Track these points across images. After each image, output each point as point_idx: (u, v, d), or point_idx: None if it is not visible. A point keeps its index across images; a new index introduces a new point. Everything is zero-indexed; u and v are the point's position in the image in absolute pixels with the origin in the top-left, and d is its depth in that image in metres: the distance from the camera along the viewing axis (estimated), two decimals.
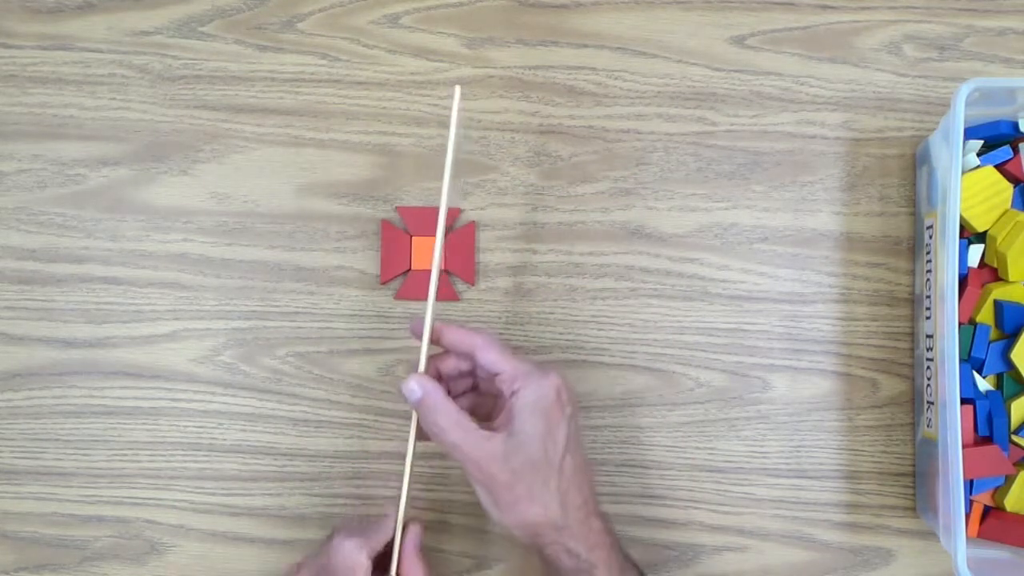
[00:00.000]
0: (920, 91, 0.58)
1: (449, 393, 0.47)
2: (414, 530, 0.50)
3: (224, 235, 0.58)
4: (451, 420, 0.45)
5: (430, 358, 0.48)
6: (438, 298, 0.58)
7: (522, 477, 0.44)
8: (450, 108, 0.47)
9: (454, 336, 0.48)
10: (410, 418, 0.49)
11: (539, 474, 0.45)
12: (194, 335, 0.58)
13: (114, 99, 0.58)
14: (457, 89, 0.47)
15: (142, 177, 0.58)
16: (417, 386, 0.46)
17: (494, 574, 0.58)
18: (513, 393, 0.45)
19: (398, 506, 0.50)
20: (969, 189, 0.53)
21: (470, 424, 0.45)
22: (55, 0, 0.59)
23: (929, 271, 0.54)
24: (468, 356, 0.48)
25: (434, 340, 0.48)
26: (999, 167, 0.54)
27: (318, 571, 0.48)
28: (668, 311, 0.58)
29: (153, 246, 0.58)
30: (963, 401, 0.53)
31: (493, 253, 0.58)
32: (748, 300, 0.58)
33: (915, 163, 0.58)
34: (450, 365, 0.49)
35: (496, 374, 0.46)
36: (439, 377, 0.49)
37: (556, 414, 0.45)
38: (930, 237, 0.54)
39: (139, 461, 0.58)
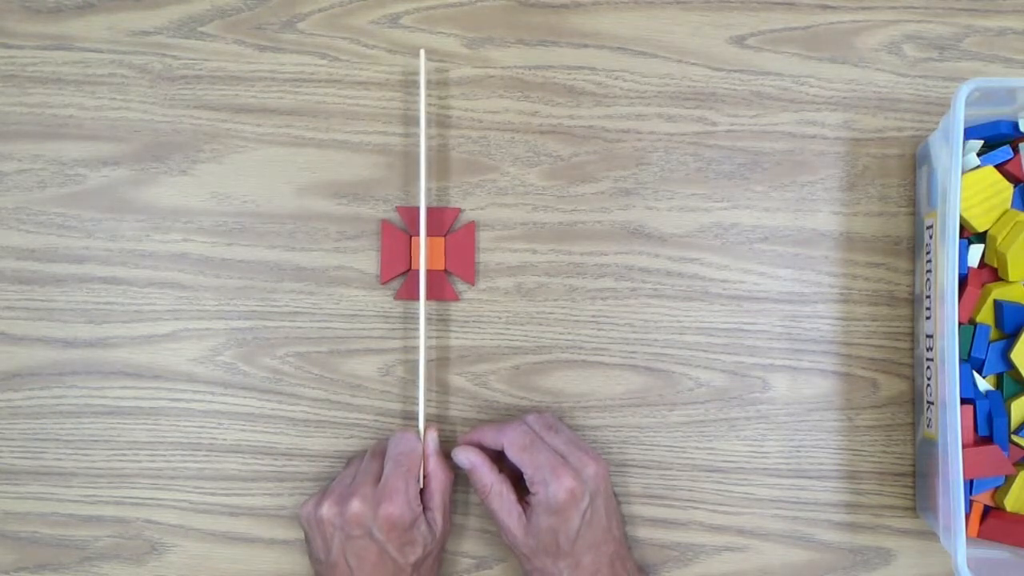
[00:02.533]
0: (920, 91, 0.58)
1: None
2: (432, 435, 0.55)
3: (224, 235, 0.58)
4: (492, 489, 0.53)
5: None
6: (438, 298, 0.58)
7: (538, 555, 0.52)
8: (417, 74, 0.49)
9: (484, 440, 0.54)
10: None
11: (550, 556, 0.51)
12: (194, 335, 0.58)
13: (114, 99, 0.58)
14: (422, 52, 0.52)
15: (142, 177, 0.58)
16: (465, 459, 0.53)
17: (494, 574, 0.58)
18: (532, 493, 0.51)
19: (417, 417, 0.55)
20: (969, 189, 0.53)
21: (509, 496, 0.52)
22: (55, 0, 0.59)
23: (929, 271, 0.54)
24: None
25: (468, 441, 0.55)
26: (999, 167, 0.54)
27: (383, 460, 0.53)
28: (668, 311, 0.58)
29: (153, 246, 0.58)
30: (963, 401, 0.53)
31: (493, 253, 0.58)
32: (748, 300, 0.58)
33: (915, 163, 0.58)
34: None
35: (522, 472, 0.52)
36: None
37: (569, 511, 0.50)
38: (930, 237, 0.54)
39: (139, 461, 0.58)
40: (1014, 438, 0.53)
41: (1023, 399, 0.53)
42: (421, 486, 0.53)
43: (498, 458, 0.54)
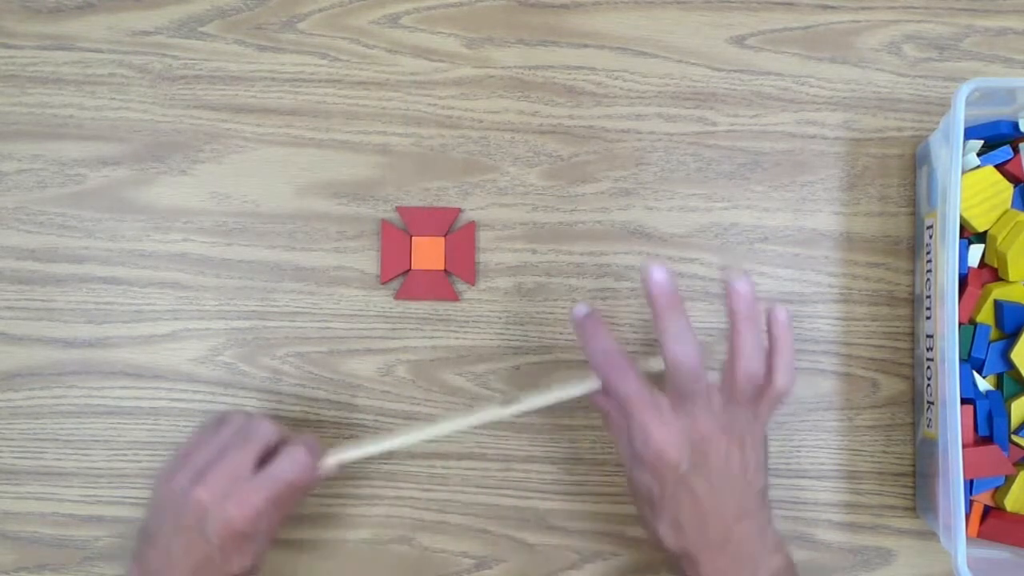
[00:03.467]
0: (920, 91, 0.58)
1: None
2: (331, 463, 0.50)
3: (224, 235, 0.58)
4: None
5: None
6: (438, 298, 0.58)
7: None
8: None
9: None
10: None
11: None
12: (194, 335, 0.58)
13: (114, 99, 0.58)
14: None
15: (142, 177, 0.58)
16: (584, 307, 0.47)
17: (494, 574, 0.58)
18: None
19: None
20: (969, 189, 0.53)
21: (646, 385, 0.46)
22: (55, 0, 0.59)
23: (929, 271, 0.54)
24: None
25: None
26: (999, 167, 0.54)
27: (256, 448, 0.48)
28: None
29: (153, 246, 0.58)
30: (963, 401, 0.53)
31: (493, 253, 0.58)
32: None
33: (915, 163, 0.58)
34: None
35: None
36: None
37: (663, 472, 0.45)
38: (930, 237, 0.54)
39: (139, 461, 0.58)
40: (1014, 438, 0.53)
41: (1023, 399, 0.53)
42: None
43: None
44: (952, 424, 0.47)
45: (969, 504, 0.54)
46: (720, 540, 0.45)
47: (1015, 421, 0.53)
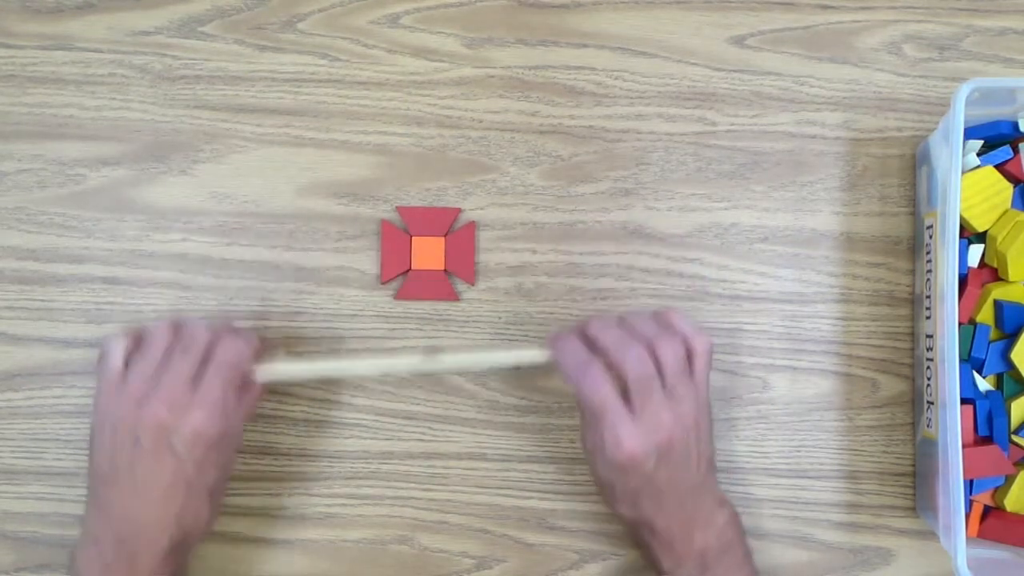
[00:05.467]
0: (920, 91, 0.58)
1: None
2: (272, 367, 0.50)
3: (224, 235, 0.58)
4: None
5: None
6: (438, 298, 0.58)
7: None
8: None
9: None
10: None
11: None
12: None
13: (114, 99, 0.58)
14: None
15: (142, 177, 0.58)
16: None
17: (494, 574, 0.58)
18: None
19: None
20: (969, 189, 0.53)
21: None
22: (55, 0, 0.59)
23: (929, 271, 0.54)
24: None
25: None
26: (999, 167, 0.54)
27: (197, 356, 0.47)
28: None
29: (153, 246, 0.58)
30: (963, 401, 0.53)
31: (493, 253, 0.58)
32: (748, 300, 0.58)
33: (915, 163, 0.58)
34: None
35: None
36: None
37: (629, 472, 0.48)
38: (930, 237, 0.54)
39: None
40: (1014, 438, 0.53)
41: (1023, 399, 0.53)
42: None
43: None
44: (952, 424, 0.47)
45: (969, 504, 0.54)
46: (674, 507, 0.49)
47: (1015, 421, 0.53)
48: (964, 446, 0.50)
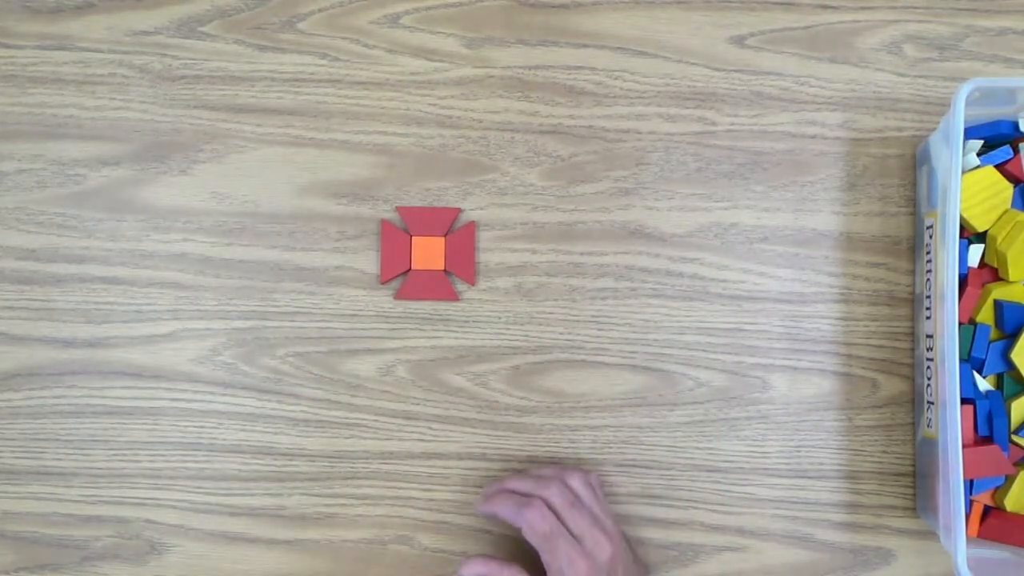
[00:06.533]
0: (920, 91, 0.58)
1: None
2: None
3: (224, 235, 0.58)
4: None
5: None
6: (438, 298, 0.58)
7: None
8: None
9: (501, 513, 0.53)
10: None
11: None
12: (194, 335, 0.58)
13: (114, 99, 0.58)
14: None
15: (142, 177, 0.58)
16: (471, 573, 0.53)
17: None
18: None
19: None
20: (969, 189, 0.53)
21: None
22: (55, 0, 0.59)
23: (929, 271, 0.54)
24: None
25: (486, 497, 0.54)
26: (999, 167, 0.54)
27: None
28: (668, 311, 0.58)
29: (153, 246, 0.58)
30: (963, 401, 0.53)
31: (493, 253, 0.58)
32: (748, 300, 0.58)
33: (915, 163, 0.58)
34: None
35: None
36: None
37: None
38: (930, 237, 0.54)
39: (139, 461, 0.58)
40: (1014, 438, 0.53)
41: (1023, 399, 0.53)
42: None
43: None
44: (952, 424, 0.47)
45: (969, 504, 0.54)
46: None
47: (1015, 421, 0.53)
48: (964, 446, 0.50)
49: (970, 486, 0.53)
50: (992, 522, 0.54)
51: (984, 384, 0.54)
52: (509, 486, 0.53)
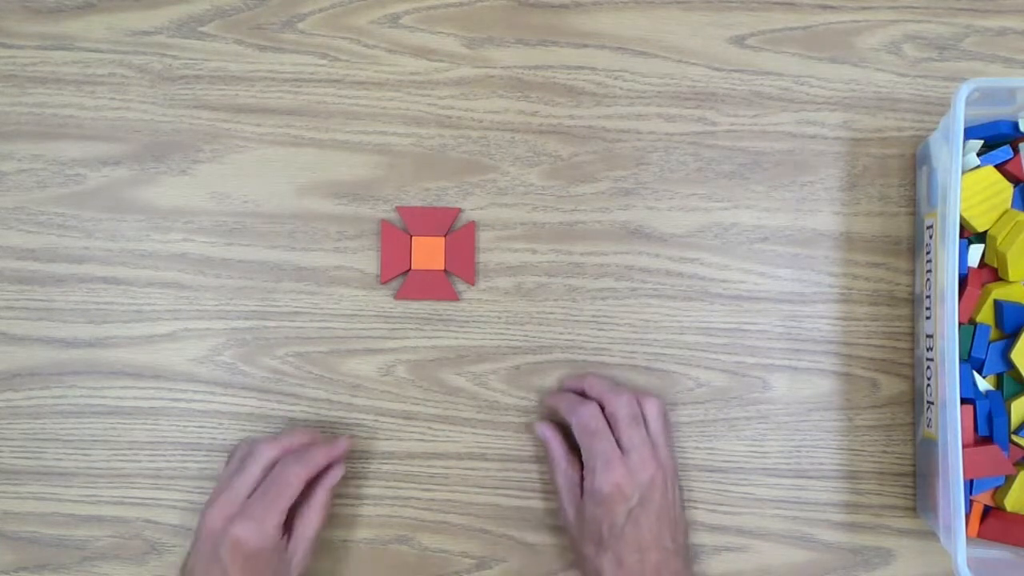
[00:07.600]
0: (920, 91, 0.58)
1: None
2: (335, 473, 0.53)
3: (224, 235, 0.58)
4: (559, 467, 0.54)
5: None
6: (438, 298, 0.58)
7: (584, 541, 0.51)
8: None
9: (559, 405, 0.54)
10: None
11: (595, 546, 0.51)
12: (194, 335, 0.58)
13: (114, 99, 0.58)
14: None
15: (142, 177, 0.58)
16: (541, 433, 0.55)
17: (494, 574, 0.58)
18: (584, 478, 0.52)
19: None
20: (969, 189, 0.53)
21: (573, 477, 0.53)
22: (55, 0, 0.59)
23: (929, 271, 0.54)
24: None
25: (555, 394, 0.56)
26: (999, 167, 0.54)
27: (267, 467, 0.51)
28: (668, 311, 0.58)
29: (153, 246, 0.58)
30: (963, 401, 0.53)
31: (493, 253, 0.58)
32: (748, 300, 0.58)
33: (915, 163, 0.58)
34: None
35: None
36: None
37: (614, 505, 0.50)
38: (930, 237, 0.54)
39: (139, 461, 0.58)
40: (1014, 438, 0.53)
41: (1023, 399, 0.53)
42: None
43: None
44: (952, 424, 0.47)
45: (969, 504, 0.54)
46: (634, 564, 0.50)
47: (1015, 421, 0.53)
48: (964, 446, 0.50)
49: (970, 486, 0.53)
50: (992, 522, 0.54)
51: (984, 384, 0.54)
52: (585, 384, 0.55)
